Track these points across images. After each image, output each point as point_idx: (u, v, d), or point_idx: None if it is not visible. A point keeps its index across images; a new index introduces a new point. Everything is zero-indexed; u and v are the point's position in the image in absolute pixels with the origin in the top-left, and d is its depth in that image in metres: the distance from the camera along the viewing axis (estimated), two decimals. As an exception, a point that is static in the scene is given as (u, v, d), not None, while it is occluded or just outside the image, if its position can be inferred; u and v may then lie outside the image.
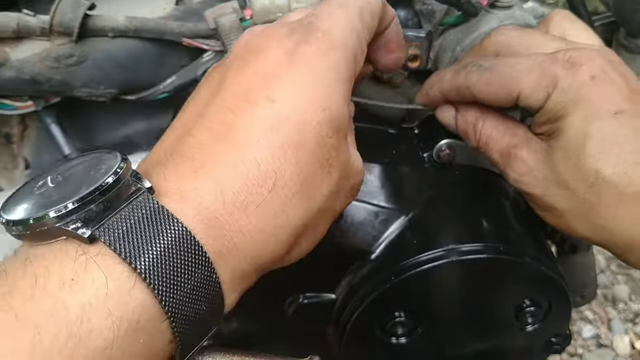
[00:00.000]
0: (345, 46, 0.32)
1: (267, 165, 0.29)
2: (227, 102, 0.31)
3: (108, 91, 0.48)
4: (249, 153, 0.29)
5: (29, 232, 0.26)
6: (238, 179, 0.29)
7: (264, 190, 0.29)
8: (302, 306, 0.50)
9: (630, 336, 1.34)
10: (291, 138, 0.30)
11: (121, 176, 0.27)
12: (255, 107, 0.30)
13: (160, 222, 0.26)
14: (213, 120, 0.31)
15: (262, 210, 0.29)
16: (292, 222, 0.31)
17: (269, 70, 0.31)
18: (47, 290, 0.24)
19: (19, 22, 0.45)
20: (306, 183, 0.30)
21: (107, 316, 0.24)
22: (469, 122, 0.45)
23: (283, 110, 0.30)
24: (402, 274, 0.46)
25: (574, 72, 0.38)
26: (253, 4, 0.45)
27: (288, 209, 0.30)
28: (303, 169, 0.30)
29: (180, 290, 0.26)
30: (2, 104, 0.50)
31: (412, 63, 0.46)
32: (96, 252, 0.25)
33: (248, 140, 0.29)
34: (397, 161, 0.50)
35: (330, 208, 0.33)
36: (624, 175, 0.36)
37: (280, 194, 0.30)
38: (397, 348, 0.50)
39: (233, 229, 0.29)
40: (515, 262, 0.46)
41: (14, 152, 0.56)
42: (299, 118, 0.30)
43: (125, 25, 0.46)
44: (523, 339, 0.52)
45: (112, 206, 0.27)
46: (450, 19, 0.49)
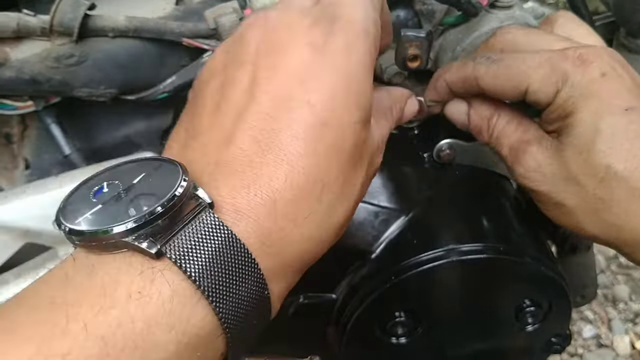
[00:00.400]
0: (368, 34, 0.32)
1: (314, 174, 0.29)
2: (266, 108, 0.30)
3: (108, 91, 0.48)
4: (297, 164, 0.29)
5: (94, 243, 0.26)
6: (289, 192, 0.28)
7: (312, 199, 0.29)
8: (302, 306, 0.50)
9: (631, 336, 1.34)
10: (332, 143, 0.30)
11: (185, 190, 0.27)
12: (296, 114, 0.29)
13: (222, 240, 0.26)
14: (255, 128, 0.29)
15: (311, 219, 0.29)
16: (335, 224, 0.31)
17: (302, 70, 0.30)
18: (114, 302, 0.24)
19: (19, 22, 0.45)
20: (346, 183, 0.31)
21: (170, 330, 0.25)
22: (484, 117, 0.44)
23: (323, 115, 0.29)
24: (402, 274, 0.46)
25: (585, 68, 0.38)
26: (253, 3, 0.45)
27: (332, 213, 0.31)
28: (343, 171, 0.30)
29: (238, 307, 0.27)
30: (2, 104, 0.50)
31: (412, 63, 0.46)
32: (162, 267, 0.25)
33: (295, 150, 0.29)
34: (397, 161, 0.50)
35: (360, 197, 0.34)
36: (635, 171, 0.36)
37: (325, 201, 0.30)
38: (397, 348, 0.50)
39: (284, 244, 0.29)
40: (515, 262, 0.46)
41: (14, 152, 0.56)
42: (338, 122, 0.30)
43: (126, 25, 0.46)
44: (523, 339, 0.52)
45: (176, 221, 0.26)
46: (450, 19, 0.49)
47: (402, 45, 0.45)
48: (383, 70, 0.51)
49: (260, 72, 0.31)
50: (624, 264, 1.48)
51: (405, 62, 0.46)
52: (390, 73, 0.50)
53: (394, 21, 0.51)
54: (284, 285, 0.31)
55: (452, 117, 0.47)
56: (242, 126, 0.30)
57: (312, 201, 0.29)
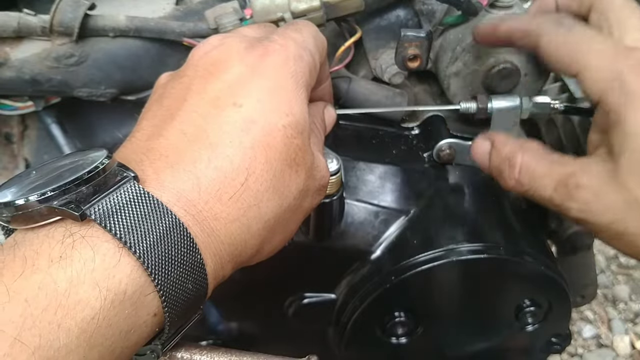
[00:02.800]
0: (301, 59, 0.36)
1: (239, 162, 0.31)
2: (196, 108, 0.33)
3: (108, 91, 0.48)
4: (222, 151, 0.31)
5: (20, 212, 0.27)
6: (212, 172, 0.31)
7: (237, 183, 0.31)
8: (302, 306, 0.50)
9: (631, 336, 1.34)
10: (260, 139, 0.32)
11: (107, 166, 0.29)
12: (223, 112, 0.33)
13: (146, 204, 0.28)
14: (184, 124, 0.32)
15: (236, 201, 0.31)
16: (264, 216, 0.33)
17: (233, 79, 0.34)
18: (36, 268, 0.26)
19: (20, 22, 0.45)
20: (276, 180, 0.33)
21: (94, 288, 0.26)
22: (505, 158, 0.41)
23: (250, 114, 0.32)
24: (402, 274, 0.46)
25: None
26: (253, 3, 0.45)
27: (260, 203, 0.32)
28: (273, 167, 0.32)
29: (167, 263, 0.28)
30: (2, 104, 0.50)
31: (412, 63, 0.46)
32: (84, 233, 0.27)
33: (220, 141, 0.32)
34: (398, 161, 0.50)
35: (299, 206, 0.35)
36: None
37: (253, 189, 0.32)
38: (397, 348, 0.50)
39: (209, 215, 0.30)
40: (515, 262, 0.46)
41: (14, 152, 0.56)
42: (266, 121, 0.33)
43: (126, 25, 0.46)
44: (523, 339, 0.52)
45: (100, 190, 0.29)
46: (450, 19, 0.49)
47: (402, 45, 0.45)
48: (383, 70, 0.51)
49: (195, 82, 0.34)
50: (624, 264, 1.48)
51: (405, 62, 0.46)
52: (390, 73, 0.50)
53: (394, 21, 0.51)
54: (218, 261, 0.31)
55: (476, 158, 0.45)
56: (172, 123, 0.33)
57: (236, 184, 0.31)
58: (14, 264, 0.26)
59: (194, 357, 0.34)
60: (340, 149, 0.44)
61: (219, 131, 0.32)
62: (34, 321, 0.24)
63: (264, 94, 0.33)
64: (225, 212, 0.31)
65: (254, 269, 0.47)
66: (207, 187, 0.31)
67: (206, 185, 0.30)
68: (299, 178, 0.34)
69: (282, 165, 0.33)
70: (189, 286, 0.29)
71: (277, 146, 0.33)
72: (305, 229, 0.45)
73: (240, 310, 0.53)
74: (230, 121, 0.32)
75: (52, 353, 0.24)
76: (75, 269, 0.26)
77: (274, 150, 0.32)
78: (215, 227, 0.31)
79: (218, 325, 0.54)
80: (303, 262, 0.48)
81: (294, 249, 0.46)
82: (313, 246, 0.46)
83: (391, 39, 0.51)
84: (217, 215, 0.31)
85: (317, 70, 0.38)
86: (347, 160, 0.46)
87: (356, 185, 0.48)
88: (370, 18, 0.51)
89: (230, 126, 0.32)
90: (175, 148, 0.32)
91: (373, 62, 0.52)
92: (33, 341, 0.24)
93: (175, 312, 0.29)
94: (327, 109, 0.44)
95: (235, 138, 0.32)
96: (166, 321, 0.29)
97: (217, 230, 0.31)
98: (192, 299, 0.30)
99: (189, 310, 0.30)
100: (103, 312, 0.26)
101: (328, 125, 0.43)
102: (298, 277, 0.49)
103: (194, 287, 0.30)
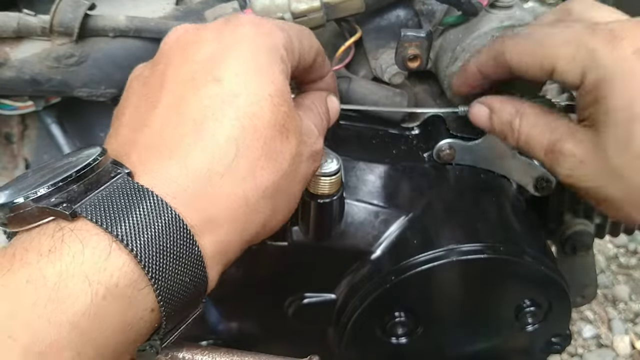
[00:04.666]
0: (273, 33, 0.35)
1: (226, 135, 0.31)
2: (175, 92, 0.33)
3: (108, 91, 0.48)
4: (205, 129, 0.31)
5: (13, 214, 0.27)
6: (199, 153, 0.31)
7: (228, 157, 0.31)
8: (302, 306, 0.50)
9: (631, 336, 1.34)
10: (245, 109, 0.32)
11: (100, 163, 0.29)
12: (203, 89, 0.32)
13: (137, 195, 0.28)
14: (165, 109, 0.32)
15: (229, 176, 0.31)
16: (260, 185, 0.32)
17: (207, 57, 0.33)
18: (24, 262, 0.25)
19: (20, 22, 0.45)
20: (267, 147, 0.32)
21: (84, 281, 0.25)
22: (505, 121, 0.43)
23: (231, 87, 0.32)
24: (402, 274, 0.46)
25: (614, 45, 0.35)
26: (253, 3, 0.45)
27: (255, 172, 0.32)
28: (262, 135, 0.32)
29: (162, 256, 0.27)
30: (2, 104, 0.50)
31: (412, 63, 0.46)
32: (73, 227, 0.27)
33: (203, 118, 0.31)
34: (398, 161, 0.50)
35: (295, 172, 0.35)
36: None
37: (245, 159, 0.31)
38: (397, 348, 0.50)
39: (204, 200, 0.30)
40: (515, 262, 0.46)
41: (14, 152, 0.56)
42: (249, 92, 0.32)
43: (126, 25, 0.46)
44: (523, 339, 0.52)
45: (93, 188, 0.28)
46: (450, 19, 0.49)
47: (402, 45, 0.45)
48: (383, 70, 0.51)
49: (170, 67, 0.34)
50: (624, 264, 1.48)
51: (405, 62, 0.46)
52: (390, 73, 0.50)
53: (394, 21, 0.51)
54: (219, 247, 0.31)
55: (477, 121, 0.46)
56: (154, 111, 0.33)
57: (227, 159, 0.31)
58: (2, 260, 0.26)
59: (196, 357, 0.34)
60: (340, 149, 0.44)
61: (201, 109, 0.32)
62: (24, 316, 0.24)
63: (242, 66, 0.33)
64: (219, 191, 0.31)
65: (254, 269, 0.47)
66: (196, 170, 0.30)
67: (194, 168, 0.30)
68: (290, 144, 0.34)
69: (272, 132, 0.33)
70: (186, 279, 0.29)
71: (265, 114, 0.32)
72: (305, 229, 0.45)
73: (240, 310, 0.53)
74: (211, 95, 0.32)
75: (43, 348, 0.24)
76: (64, 262, 0.25)
77: (261, 119, 0.32)
78: (210, 210, 0.30)
79: (218, 325, 0.54)
80: (303, 262, 0.48)
81: (294, 249, 0.46)
82: (313, 246, 0.46)
83: (391, 39, 0.51)
84: (211, 198, 0.30)
85: (296, 52, 0.37)
86: (347, 160, 0.46)
87: (356, 185, 0.48)
88: (370, 18, 0.51)
89: (211, 100, 0.32)
90: (160, 136, 0.31)
91: (373, 62, 0.52)
92: (24, 336, 0.24)
93: (172, 306, 0.28)
94: (330, 98, 0.43)
95: (217, 111, 0.31)
96: (162, 316, 0.28)
97: (214, 212, 0.30)
98: (190, 293, 0.29)
99: (187, 305, 0.30)
100: (95, 307, 0.25)
101: (332, 115, 0.43)
102: (298, 277, 0.49)
103: (192, 281, 0.29)
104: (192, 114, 0.32)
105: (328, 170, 0.41)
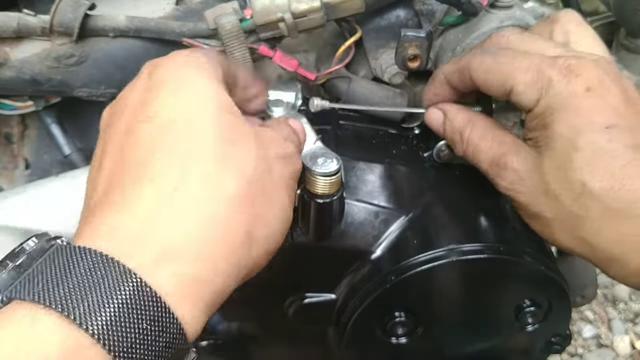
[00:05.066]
0: (195, 57, 0.35)
1: (168, 169, 0.30)
2: (115, 149, 0.32)
3: (108, 91, 0.48)
4: (145, 167, 0.30)
5: None
6: (143, 200, 0.29)
7: (168, 191, 0.29)
8: (303, 306, 0.50)
9: (631, 336, 1.34)
10: (186, 129, 0.31)
11: (34, 244, 0.29)
12: (137, 132, 0.31)
13: (75, 256, 0.27)
14: (108, 168, 0.32)
15: (183, 193, 0.29)
16: (223, 197, 0.30)
17: (135, 104, 0.33)
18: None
19: (20, 22, 0.45)
20: (221, 159, 0.31)
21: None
22: (456, 130, 0.45)
23: (166, 116, 0.31)
24: (402, 274, 0.46)
25: (570, 79, 0.38)
26: (253, 3, 0.45)
27: (218, 182, 0.30)
28: (212, 148, 0.31)
29: (94, 304, 0.25)
30: (2, 104, 0.50)
31: (412, 63, 0.46)
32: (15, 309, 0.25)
33: (145, 159, 0.30)
34: (398, 161, 0.50)
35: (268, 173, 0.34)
36: (610, 190, 0.36)
37: (192, 182, 0.30)
38: (397, 348, 0.50)
39: (150, 228, 0.28)
40: (515, 262, 0.46)
41: (14, 152, 0.56)
42: (187, 113, 0.31)
43: (126, 25, 0.46)
44: (523, 339, 0.52)
45: (26, 268, 0.27)
46: (450, 19, 0.49)
47: (402, 45, 0.45)
48: (383, 70, 0.51)
49: (107, 134, 0.34)
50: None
51: (405, 62, 0.46)
52: (390, 73, 0.50)
53: (394, 21, 0.51)
54: (179, 278, 0.28)
55: (431, 125, 0.48)
56: (102, 174, 0.32)
57: (168, 192, 0.29)
58: None
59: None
60: (340, 149, 0.44)
61: (139, 151, 0.31)
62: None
63: (172, 94, 0.32)
64: (171, 214, 0.29)
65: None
66: (143, 217, 0.28)
67: (142, 216, 0.28)
68: (245, 147, 0.33)
69: (221, 144, 0.31)
70: (147, 336, 0.26)
71: (208, 128, 0.31)
72: (305, 229, 0.45)
73: (240, 310, 0.53)
74: (147, 134, 0.31)
75: None
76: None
77: (203, 135, 0.31)
78: (166, 241, 0.28)
79: (218, 325, 0.54)
80: (303, 262, 0.48)
81: (294, 249, 0.46)
82: (313, 246, 0.46)
83: (391, 39, 0.51)
84: (162, 222, 0.28)
85: (221, 64, 0.36)
86: (347, 160, 0.46)
87: (356, 185, 0.48)
88: (370, 18, 0.51)
89: (147, 138, 0.31)
90: (105, 193, 0.31)
91: (373, 62, 0.52)
92: None
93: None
94: (291, 121, 0.43)
95: (157, 145, 0.30)
96: None
97: (170, 241, 0.28)
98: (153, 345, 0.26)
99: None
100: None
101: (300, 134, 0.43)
102: (298, 277, 0.49)
103: (154, 331, 0.26)
104: (134, 162, 0.31)
105: (328, 170, 0.41)
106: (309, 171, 0.41)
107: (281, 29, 0.46)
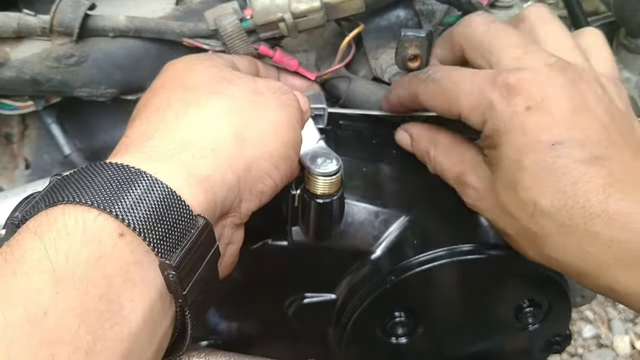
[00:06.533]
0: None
1: (160, 100, 0.36)
2: (162, 99, 0.37)
3: (108, 91, 0.48)
4: (184, 113, 0.36)
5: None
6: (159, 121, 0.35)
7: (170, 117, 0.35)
8: (303, 306, 0.50)
9: (631, 336, 1.34)
10: (200, 91, 0.36)
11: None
12: (176, 92, 0.37)
13: (97, 170, 0.31)
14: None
15: (187, 122, 0.35)
16: (217, 108, 0.36)
17: (182, 76, 0.39)
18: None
19: (20, 22, 0.45)
20: (217, 91, 0.36)
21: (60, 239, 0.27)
22: (423, 150, 0.46)
23: (194, 88, 0.37)
24: (402, 273, 0.46)
25: (509, 100, 0.37)
26: (253, 3, 0.45)
27: (207, 105, 0.36)
28: (208, 83, 0.37)
29: (136, 207, 0.29)
30: (2, 104, 0.50)
31: (412, 63, 0.46)
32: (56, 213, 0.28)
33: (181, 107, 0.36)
34: (397, 161, 0.50)
35: (259, 100, 0.37)
36: (563, 209, 0.35)
37: (196, 109, 0.35)
38: (397, 348, 0.50)
39: (178, 145, 0.33)
40: (515, 262, 0.46)
41: (14, 152, 0.56)
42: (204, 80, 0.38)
43: (126, 25, 0.46)
44: (523, 339, 0.52)
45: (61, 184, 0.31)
46: (450, 19, 0.49)
47: (402, 45, 0.45)
48: (383, 70, 0.51)
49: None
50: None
51: (405, 62, 0.46)
52: (390, 73, 0.50)
53: (394, 21, 0.51)
54: (208, 194, 0.32)
55: (402, 145, 0.49)
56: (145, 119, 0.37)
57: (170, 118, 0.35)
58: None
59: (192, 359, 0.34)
60: (340, 149, 0.44)
61: (173, 104, 0.36)
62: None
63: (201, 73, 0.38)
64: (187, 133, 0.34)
65: (254, 269, 0.47)
66: (160, 132, 0.34)
67: (156, 131, 0.34)
68: (240, 82, 0.38)
69: (217, 81, 0.37)
70: (169, 222, 0.30)
71: (207, 72, 0.38)
72: (305, 229, 0.45)
73: (240, 310, 0.53)
74: (179, 97, 0.37)
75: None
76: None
77: (209, 74, 0.38)
78: (182, 138, 0.33)
79: (218, 325, 0.54)
80: (303, 262, 0.48)
81: (294, 249, 0.46)
82: (313, 246, 0.46)
83: (391, 39, 0.51)
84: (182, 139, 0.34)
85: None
86: (347, 160, 0.46)
87: (356, 185, 0.48)
88: (370, 18, 0.51)
89: (180, 99, 0.37)
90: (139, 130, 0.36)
91: (373, 62, 0.52)
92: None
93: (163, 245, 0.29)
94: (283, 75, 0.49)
95: (182, 100, 0.36)
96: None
97: (187, 153, 0.33)
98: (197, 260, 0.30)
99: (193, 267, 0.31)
100: (74, 265, 0.26)
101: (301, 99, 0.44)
102: (298, 277, 0.49)
103: (178, 226, 0.30)
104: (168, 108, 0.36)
105: (328, 170, 0.41)
106: (309, 171, 0.41)
107: (281, 29, 0.46)
